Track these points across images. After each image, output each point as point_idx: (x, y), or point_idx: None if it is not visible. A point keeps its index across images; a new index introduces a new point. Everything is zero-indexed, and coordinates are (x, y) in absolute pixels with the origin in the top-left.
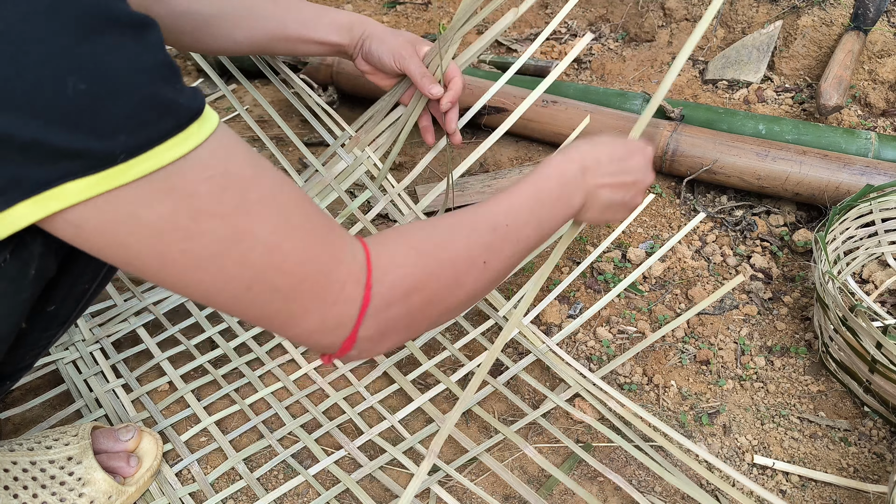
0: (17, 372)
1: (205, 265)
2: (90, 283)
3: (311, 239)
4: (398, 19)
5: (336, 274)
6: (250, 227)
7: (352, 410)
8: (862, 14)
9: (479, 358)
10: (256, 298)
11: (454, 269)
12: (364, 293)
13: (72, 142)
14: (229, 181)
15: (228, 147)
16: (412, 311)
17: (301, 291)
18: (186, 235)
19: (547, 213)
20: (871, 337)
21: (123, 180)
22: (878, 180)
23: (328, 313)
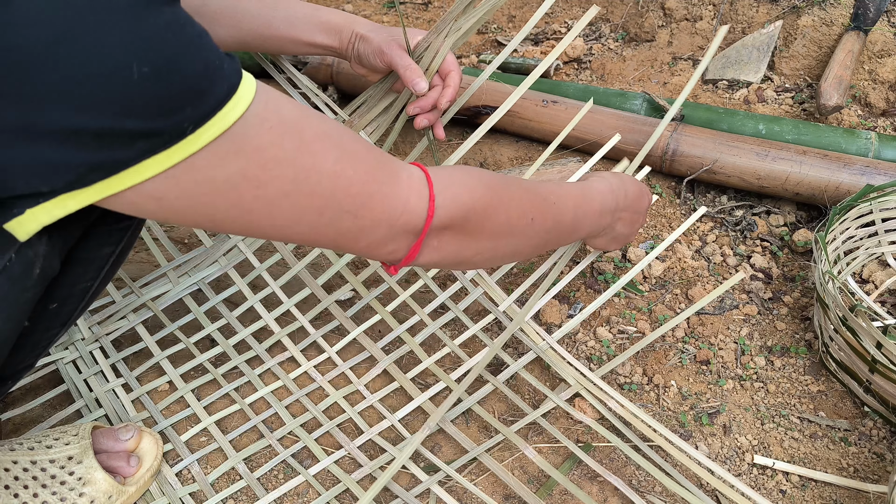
0: (18, 372)
1: (279, 204)
2: (92, 282)
3: (369, 162)
4: (398, 19)
5: (398, 188)
6: (313, 163)
7: (352, 409)
8: (862, 14)
9: (479, 355)
10: (329, 222)
11: (507, 210)
12: (428, 205)
13: (144, 124)
14: (285, 127)
15: (274, 97)
16: (467, 232)
17: (369, 208)
18: (258, 183)
19: (583, 215)
20: (871, 337)
21: (194, 148)
22: (878, 180)
23: (395, 224)
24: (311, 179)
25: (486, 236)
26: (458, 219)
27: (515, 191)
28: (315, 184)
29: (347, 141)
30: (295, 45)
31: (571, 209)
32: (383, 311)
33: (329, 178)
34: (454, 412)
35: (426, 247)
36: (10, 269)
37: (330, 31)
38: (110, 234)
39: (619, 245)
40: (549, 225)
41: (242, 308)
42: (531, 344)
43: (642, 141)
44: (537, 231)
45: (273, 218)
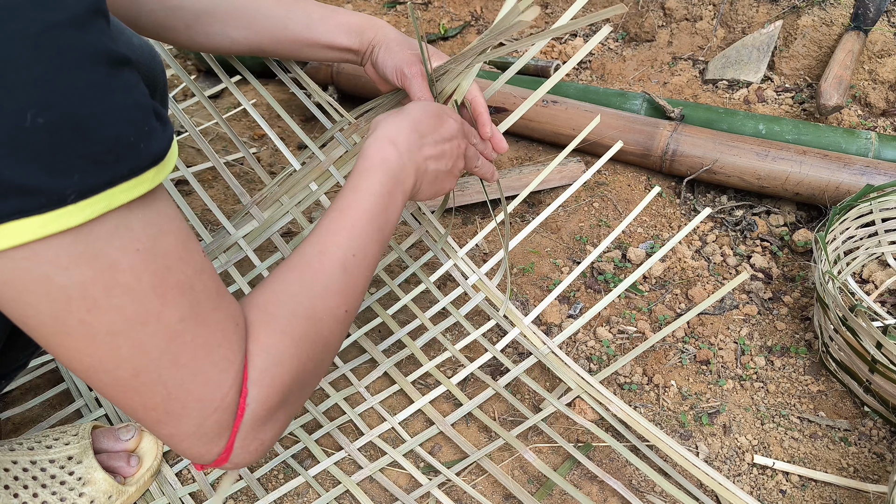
0: (11, 372)
1: (100, 341)
2: None
3: (213, 334)
4: (398, 19)
5: (224, 377)
6: (160, 311)
7: (352, 411)
8: (862, 14)
9: (480, 360)
10: (140, 388)
11: (324, 339)
12: (240, 400)
13: (23, 177)
14: (153, 258)
15: (164, 217)
16: (291, 404)
17: (187, 390)
18: (93, 306)
19: (385, 214)
20: (871, 337)
21: (72, 222)
22: (878, 180)
23: (206, 420)
24: (148, 328)
25: (313, 379)
26: (279, 401)
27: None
28: (148, 335)
29: (207, 300)
30: (311, 48)
31: (371, 232)
32: (384, 314)
33: (164, 336)
34: (454, 416)
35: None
36: None
37: (351, 31)
38: None
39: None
40: (363, 284)
41: None
42: (532, 349)
43: (642, 141)
44: (354, 308)
45: (86, 353)
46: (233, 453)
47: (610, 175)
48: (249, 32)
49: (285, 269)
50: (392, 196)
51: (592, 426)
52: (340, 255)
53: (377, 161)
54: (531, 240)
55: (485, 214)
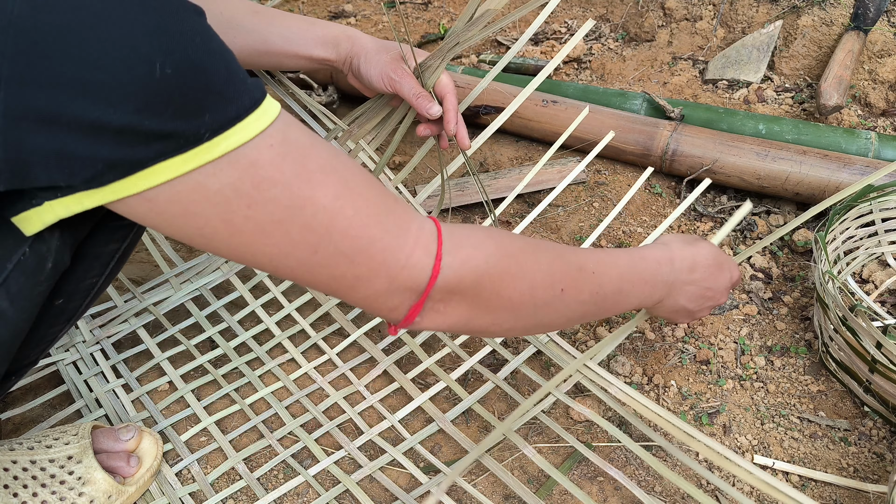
0: (21, 368)
1: (270, 231)
2: (97, 278)
3: (375, 205)
4: (398, 19)
5: (403, 239)
6: (311, 194)
7: (352, 410)
8: (862, 14)
9: (480, 353)
10: (323, 262)
11: (531, 279)
12: (434, 262)
13: (162, 124)
14: (288, 149)
15: (285, 117)
16: (480, 299)
17: (367, 255)
18: (250, 202)
19: (630, 285)
20: (871, 337)
21: (210, 157)
22: (879, 180)
23: (396, 277)
24: (307, 211)
25: (503, 307)
26: (469, 284)
27: (544, 258)
28: (310, 216)
29: (356, 180)
30: (291, 59)
31: (615, 279)
32: None
33: (326, 214)
34: (454, 412)
35: (429, 310)
36: (24, 263)
37: (327, 44)
38: (116, 231)
39: (682, 319)
40: (585, 297)
41: (244, 312)
42: (531, 338)
43: (642, 141)
44: (568, 303)
45: (263, 245)
46: (422, 311)
47: (610, 175)
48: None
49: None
50: (643, 283)
51: (592, 414)
52: (584, 259)
53: (653, 257)
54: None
55: (485, 214)
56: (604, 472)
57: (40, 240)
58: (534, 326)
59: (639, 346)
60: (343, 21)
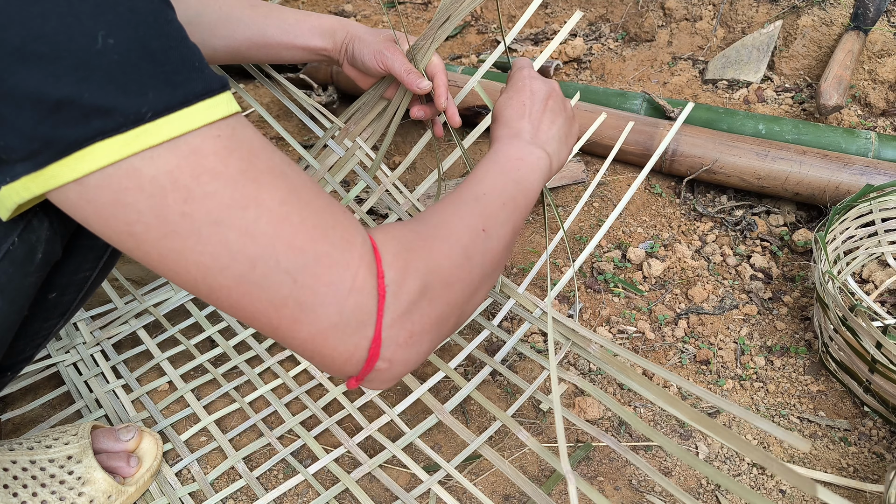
0: (17, 364)
1: (206, 235)
2: (91, 271)
3: (322, 215)
4: (398, 19)
5: (348, 257)
6: (256, 195)
7: (351, 406)
8: (862, 14)
9: (478, 339)
10: (262, 281)
11: (459, 243)
12: (378, 282)
13: (102, 98)
14: (237, 144)
15: (242, 119)
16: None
17: (313, 274)
18: (187, 196)
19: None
20: (871, 337)
21: (153, 141)
22: (878, 180)
23: (345, 304)
24: (249, 213)
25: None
26: (418, 289)
27: (452, 216)
28: (252, 220)
29: (304, 188)
30: (289, 50)
31: (502, 178)
32: None
33: (270, 219)
34: (453, 401)
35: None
36: (12, 253)
37: (324, 33)
38: None
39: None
40: (502, 217)
41: None
42: (525, 315)
43: (642, 141)
44: (497, 233)
45: (197, 252)
46: (383, 346)
47: (610, 175)
48: (230, 41)
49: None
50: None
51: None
52: (471, 190)
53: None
54: (531, 240)
55: None
56: (603, 473)
57: (29, 229)
58: (488, 276)
59: (639, 347)
60: None
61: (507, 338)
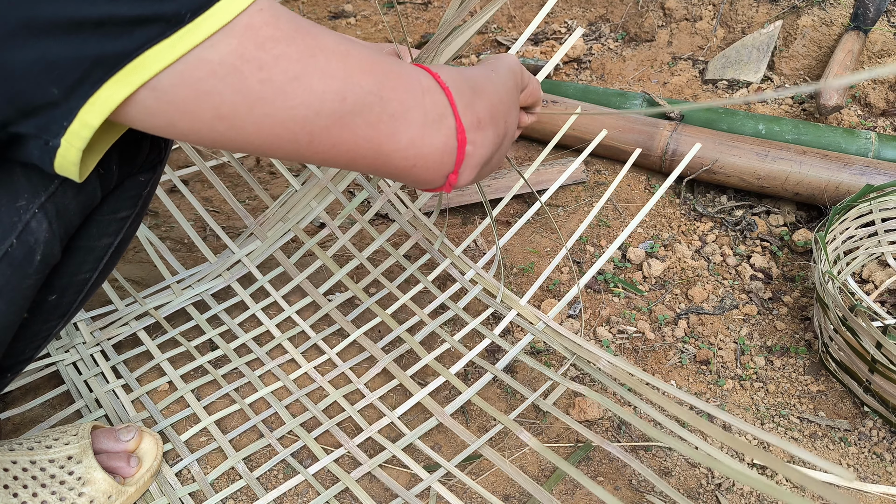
0: (16, 365)
1: (290, 90)
2: (91, 273)
3: (370, 47)
4: (398, 19)
5: (407, 67)
6: (316, 42)
7: (351, 408)
8: (862, 14)
9: (479, 346)
10: (355, 109)
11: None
12: (436, 79)
13: (140, 9)
14: (279, 10)
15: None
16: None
17: (391, 87)
18: (260, 64)
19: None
20: (871, 337)
21: (197, 39)
22: (878, 180)
23: (424, 104)
24: (319, 58)
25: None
26: (468, 86)
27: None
28: (325, 63)
29: (347, 37)
30: None
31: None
32: (383, 314)
33: (338, 56)
34: (453, 406)
35: (470, 128)
36: (11, 255)
37: None
38: (109, 224)
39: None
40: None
41: (244, 315)
42: (528, 326)
43: (642, 141)
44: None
45: (289, 108)
46: (466, 130)
47: (610, 175)
48: None
49: None
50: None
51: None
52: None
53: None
54: (531, 240)
55: (484, 214)
56: (603, 474)
57: (27, 230)
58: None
59: (639, 347)
60: (343, 21)
61: (509, 346)
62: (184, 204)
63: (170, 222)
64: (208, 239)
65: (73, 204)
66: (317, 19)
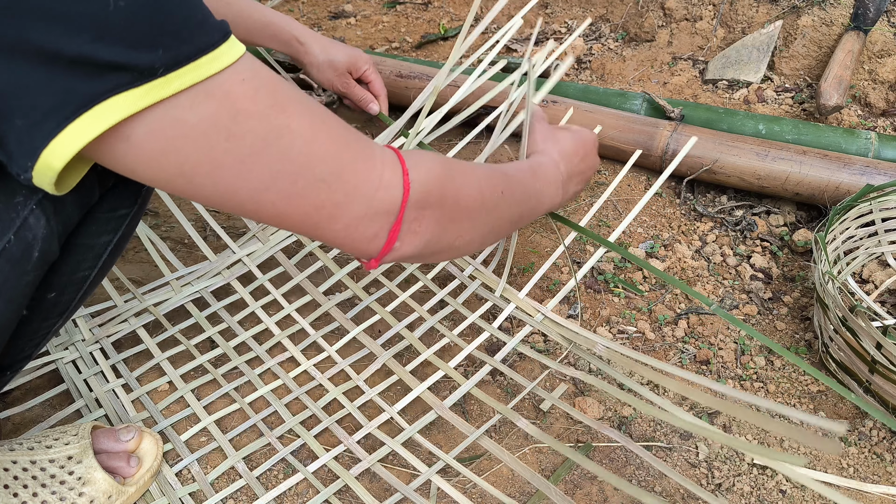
0: (16, 363)
1: (250, 163)
2: (90, 271)
3: (342, 133)
4: (398, 19)
5: (371, 162)
6: (287, 123)
7: (351, 405)
8: (862, 14)
9: (478, 340)
10: (303, 192)
11: (478, 182)
12: (402, 178)
13: (116, 55)
14: (260, 83)
15: (255, 61)
16: (445, 209)
17: (344, 180)
18: (228, 134)
19: (544, 184)
20: (871, 337)
21: (165, 93)
22: (878, 180)
23: (372, 199)
24: (284, 140)
25: (464, 213)
26: (436, 196)
27: (477, 168)
28: (288, 145)
29: (322, 113)
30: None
31: (527, 179)
32: (383, 311)
33: (302, 141)
34: (452, 398)
35: (407, 232)
36: (8, 251)
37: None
38: (108, 222)
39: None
40: (519, 196)
41: (244, 313)
42: (526, 318)
43: (642, 141)
44: (510, 203)
45: (245, 179)
46: (401, 231)
47: (610, 175)
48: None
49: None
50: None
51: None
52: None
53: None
54: (531, 240)
55: None
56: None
57: (25, 227)
58: (489, 232)
59: (639, 347)
60: (343, 21)
61: (507, 339)
62: (184, 203)
63: (170, 222)
64: (209, 239)
65: (72, 201)
66: (317, 19)
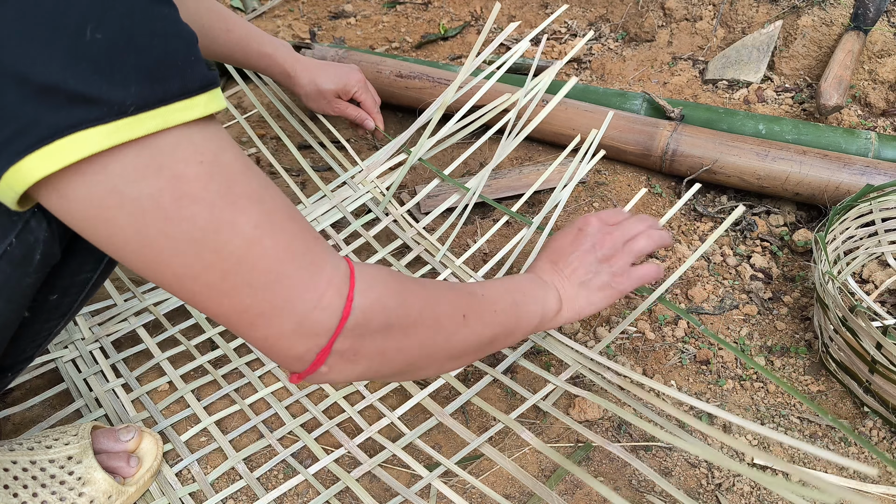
0: (17, 364)
1: (182, 249)
2: (92, 273)
3: (294, 241)
4: (398, 19)
5: (316, 278)
6: (232, 218)
7: (351, 409)
8: (862, 14)
9: None
10: (229, 291)
11: (435, 309)
12: (345, 304)
13: (87, 87)
14: (218, 170)
15: (223, 139)
16: (390, 339)
17: (274, 292)
18: (167, 217)
19: (521, 295)
20: (871, 337)
21: (133, 134)
22: (878, 180)
23: (305, 320)
24: (223, 235)
25: (414, 342)
26: (379, 321)
27: (441, 291)
28: (225, 241)
29: (280, 214)
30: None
31: (504, 294)
32: None
33: (242, 241)
34: (453, 406)
35: (339, 359)
36: (10, 254)
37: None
38: None
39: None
40: (487, 319)
41: None
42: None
43: (642, 141)
44: (474, 328)
45: (173, 263)
46: (329, 356)
47: (610, 175)
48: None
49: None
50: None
51: (587, 430)
52: (469, 288)
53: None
54: (531, 240)
55: (484, 214)
56: (604, 474)
57: (27, 229)
58: (449, 358)
59: (639, 347)
60: (343, 21)
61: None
62: None
63: None
64: None
65: None
66: (317, 19)
